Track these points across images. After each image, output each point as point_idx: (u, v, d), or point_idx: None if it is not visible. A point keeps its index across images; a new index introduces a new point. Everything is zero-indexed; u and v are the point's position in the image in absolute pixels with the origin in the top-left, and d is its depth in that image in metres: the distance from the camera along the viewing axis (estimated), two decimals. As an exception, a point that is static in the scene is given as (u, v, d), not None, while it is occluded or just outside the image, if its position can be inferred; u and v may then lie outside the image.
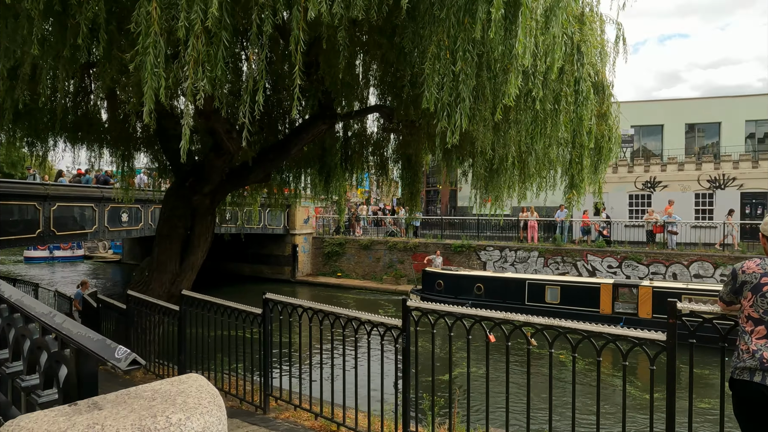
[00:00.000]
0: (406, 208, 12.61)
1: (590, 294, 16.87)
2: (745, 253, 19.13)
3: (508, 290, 18.63)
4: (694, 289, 15.21)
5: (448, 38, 3.88)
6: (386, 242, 26.88)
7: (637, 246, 21.49)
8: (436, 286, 20.39)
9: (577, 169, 5.82)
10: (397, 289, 24.74)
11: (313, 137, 9.80)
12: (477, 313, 3.92)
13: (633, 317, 15.90)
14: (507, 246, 23.57)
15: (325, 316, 4.96)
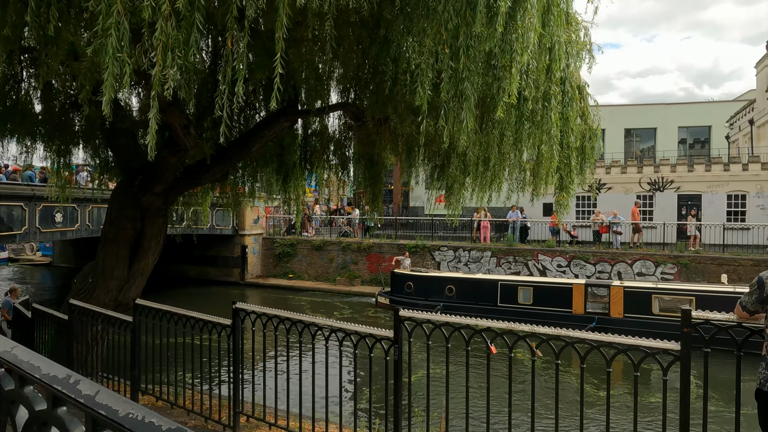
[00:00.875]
0: (367, 208, 12.32)
1: (562, 294, 17.02)
2: (683, 252, 20.25)
3: (480, 292, 18.49)
4: (663, 289, 15.77)
5: (447, 32, 3.65)
6: (339, 243, 26.47)
7: (585, 246, 22.27)
8: (406, 288, 20.00)
9: (566, 170, 5.77)
10: (351, 290, 24.42)
11: (275, 134, 9.34)
12: (477, 323, 3.71)
13: (605, 317, 16.18)
14: (461, 246, 23.79)
15: (305, 327, 4.61)
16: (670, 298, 15.56)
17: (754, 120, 24.93)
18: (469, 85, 3.87)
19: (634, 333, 13.02)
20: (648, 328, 15.02)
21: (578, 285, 16.83)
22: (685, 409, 3.02)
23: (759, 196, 22.35)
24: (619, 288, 16.08)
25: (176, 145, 8.18)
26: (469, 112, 3.97)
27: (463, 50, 3.72)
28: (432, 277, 19.93)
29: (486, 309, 17.47)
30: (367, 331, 4.24)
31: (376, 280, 25.15)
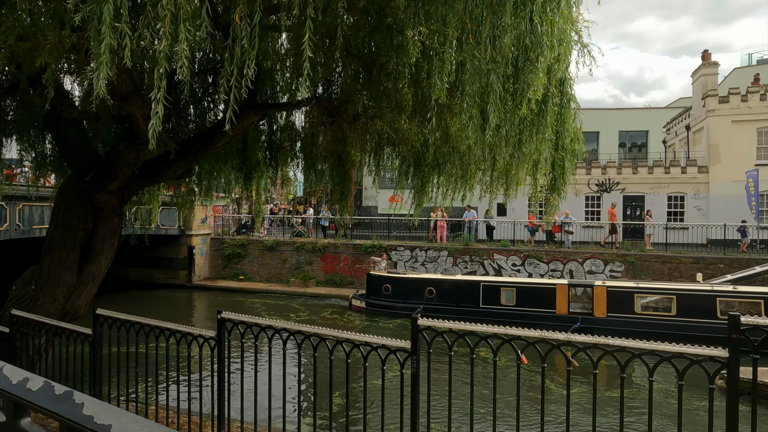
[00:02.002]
0: (336, 207, 11.89)
1: (546, 295, 17.05)
2: (630, 250, 21.16)
3: (461, 293, 18.21)
4: (645, 288, 16.20)
5: (472, 21, 3.37)
6: (293, 243, 25.77)
7: (538, 245, 22.81)
8: (383, 290, 19.45)
9: (559, 171, 5.66)
10: (306, 291, 23.82)
11: (243, 129, 8.75)
12: (506, 331, 3.46)
13: (589, 316, 16.39)
14: (417, 246, 23.74)
15: (305, 339, 4.20)
16: (651, 298, 15.98)
17: (690, 126, 26.56)
18: (495, 78, 3.63)
19: (617, 333, 13.32)
20: (631, 327, 15.56)
21: (561, 285, 16.91)
22: (734, 420, 2.90)
23: (696, 197, 23.77)
24: (602, 288, 16.29)
25: (136, 138, 7.46)
26: (494, 106, 3.73)
27: (490, 40, 3.47)
28: (411, 279, 19.43)
29: (468, 311, 17.60)
30: (379, 342, 3.90)
31: (332, 281, 24.69)
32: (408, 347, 3.77)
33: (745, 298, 14.72)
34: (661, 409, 9.15)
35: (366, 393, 3.94)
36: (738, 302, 14.79)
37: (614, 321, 15.72)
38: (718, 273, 19.22)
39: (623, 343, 3.17)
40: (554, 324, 16.31)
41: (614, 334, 12.56)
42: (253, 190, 11.41)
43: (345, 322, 18.39)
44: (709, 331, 14.30)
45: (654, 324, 15.20)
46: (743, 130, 23.19)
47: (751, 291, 14.98)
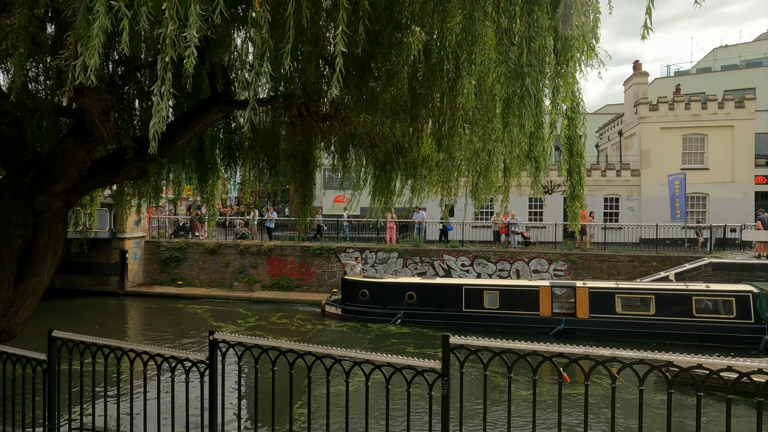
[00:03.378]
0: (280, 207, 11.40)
1: (529, 297, 17.06)
2: (572, 250, 22.06)
3: (443, 297, 17.91)
4: (625, 289, 16.68)
5: (506, 18, 3.15)
6: (236, 246, 24.70)
7: (486, 245, 23.28)
8: (360, 296, 18.78)
9: (576, 178, 5.61)
10: (252, 296, 22.92)
11: (204, 127, 8.14)
12: (548, 348, 3.28)
13: (572, 317, 16.61)
14: (367, 247, 23.50)
15: (315, 361, 3.82)
16: (631, 298, 16.48)
17: (622, 131, 28.21)
18: (530, 81, 3.45)
19: (600, 333, 13.62)
20: (613, 327, 16.08)
21: (544, 287, 17.02)
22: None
23: (629, 199, 25.25)
24: (585, 289, 16.60)
25: (87, 135, 6.65)
26: (529, 111, 3.55)
27: (526, 42, 3.28)
28: (390, 284, 18.89)
29: (450, 315, 17.57)
30: (404, 363, 3.60)
31: (279, 284, 23.92)
32: (437, 368, 3.50)
33: (718, 297, 15.56)
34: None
35: (388, 419, 3.63)
36: (710, 301, 15.68)
37: (596, 321, 16.08)
38: (651, 270, 20.44)
39: (675, 358, 3.07)
40: (538, 326, 16.74)
41: (597, 335, 12.94)
42: (208, 191, 10.73)
43: (320, 329, 17.73)
44: (686, 329, 15.17)
45: (634, 323, 15.82)
46: (671, 136, 24.93)
47: (724, 290, 15.82)
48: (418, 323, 17.44)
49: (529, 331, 16.43)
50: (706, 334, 14.83)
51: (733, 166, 24.64)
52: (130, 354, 4.47)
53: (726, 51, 40.13)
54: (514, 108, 4.29)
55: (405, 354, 4.31)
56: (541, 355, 3.32)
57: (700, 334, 14.89)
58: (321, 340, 16.26)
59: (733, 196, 24.16)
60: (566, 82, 3.93)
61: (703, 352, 13.47)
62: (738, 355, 10.49)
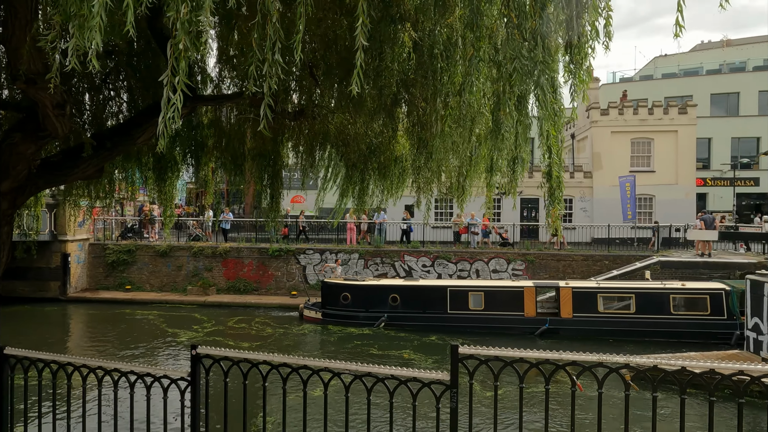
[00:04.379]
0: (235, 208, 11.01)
1: (514, 298, 17.14)
2: (530, 249, 22.56)
3: (428, 299, 17.78)
4: (606, 288, 17.08)
5: (515, 13, 3.02)
6: (190, 248, 23.73)
7: (446, 245, 23.44)
8: (342, 299, 18.31)
9: (556, 182, 5.58)
10: (207, 300, 22.07)
11: (168, 123, 7.63)
12: (561, 357, 3.18)
13: (556, 317, 16.83)
14: (327, 249, 23.14)
15: (312, 375, 3.57)
16: (613, 297, 16.92)
17: (575, 135, 29.19)
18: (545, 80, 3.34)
19: (583, 332, 13.83)
20: (596, 326, 16.40)
21: (529, 288, 17.19)
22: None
23: (582, 200, 26.14)
24: (568, 289, 16.84)
25: (39, 129, 6.08)
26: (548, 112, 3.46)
27: (540, 38, 3.18)
28: (372, 286, 18.54)
29: (435, 317, 17.51)
30: (410, 375, 3.41)
31: (235, 287, 23.16)
32: (445, 379, 3.33)
33: (692, 295, 16.20)
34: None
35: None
36: (686, 299, 16.29)
37: (580, 321, 16.42)
38: (604, 269, 21.19)
39: (692, 365, 3.04)
40: (524, 326, 16.96)
41: (580, 334, 13.16)
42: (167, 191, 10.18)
43: (300, 335, 17.17)
44: (664, 326, 15.73)
45: (616, 322, 16.29)
46: (620, 140, 26.00)
47: (699, 288, 16.51)
48: (402, 326, 17.33)
49: (514, 332, 16.76)
50: (683, 330, 15.51)
51: (677, 168, 26.00)
52: (98, 372, 4.05)
53: (666, 60, 42.38)
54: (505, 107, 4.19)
55: (390, 357, 4.13)
56: (554, 363, 3.22)
57: (678, 330, 15.57)
58: (305, 347, 15.83)
59: (677, 197, 25.50)
60: (580, 79, 3.87)
61: (680, 348, 13.92)
62: (712, 350, 10.91)
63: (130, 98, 9.09)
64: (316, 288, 22.87)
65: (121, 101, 9.09)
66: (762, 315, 13.42)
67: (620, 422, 3.17)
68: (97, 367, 4.08)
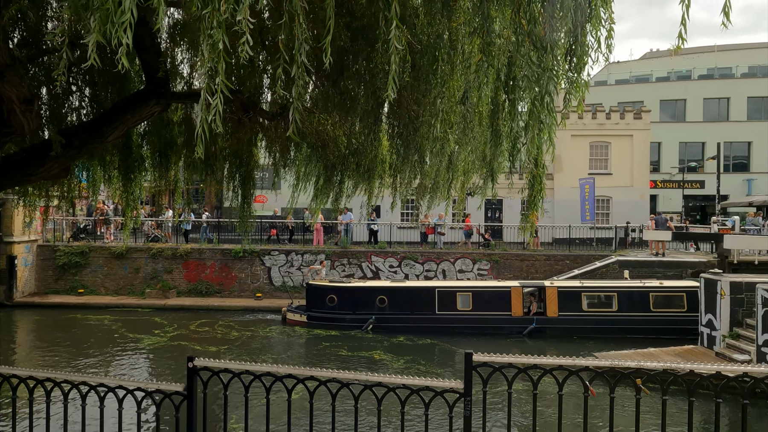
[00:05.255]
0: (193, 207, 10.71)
1: (501, 298, 17.28)
2: (495, 250, 22.95)
3: (416, 300, 17.70)
4: (590, 287, 17.44)
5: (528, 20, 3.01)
6: (148, 249, 22.83)
7: (413, 246, 23.53)
8: (328, 301, 17.94)
9: (538, 188, 5.65)
10: (167, 303, 21.30)
11: (140, 120, 7.35)
12: (574, 363, 3.20)
13: (542, 316, 17.06)
14: (293, 250, 22.79)
15: (319, 386, 3.45)
16: (596, 296, 17.33)
17: (536, 137, 29.96)
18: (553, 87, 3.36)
19: (569, 330, 14.08)
20: (580, 324, 16.70)
21: (516, 288, 17.40)
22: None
23: (544, 201, 26.79)
24: (553, 288, 17.17)
25: (2, 126, 5.66)
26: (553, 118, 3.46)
27: (550, 47, 3.17)
28: (360, 288, 18.31)
29: (424, 318, 17.46)
30: (422, 384, 3.35)
31: (197, 290, 22.46)
32: (458, 387, 3.29)
33: (670, 293, 16.76)
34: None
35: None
36: (664, 296, 16.85)
37: (565, 319, 16.78)
38: (565, 269, 21.81)
39: (700, 368, 3.12)
40: (512, 326, 17.15)
41: (566, 332, 13.44)
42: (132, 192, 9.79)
43: (268, 337, 16.66)
44: (645, 323, 16.25)
45: (599, 320, 16.75)
46: (580, 143, 26.86)
47: (675, 286, 17.15)
48: (390, 328, 17.27)
49: (502, 332, 17.01)
50: (662, 327, 16.10)
51: (632, 171, 27.11)
52: (82, 387, 3.78)
53: (618, 66, 44.11)
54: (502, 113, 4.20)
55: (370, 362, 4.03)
56: (567, 369, 3.23)
57: (657, 327, 16.18)
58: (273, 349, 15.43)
59: (632, 199, 26.59)
60: (578, 88, 3.93)
61: (659, 344, 14.17)
62: (689, 345, 11.13)
63: (92, 93, 8.62)
64: (282, 290, 22.52)
65: (83, 96, 8.61)
66: (715, 312, 14.15)
67: (625, 425, 3.22)
68: (81, 381, 3.81)
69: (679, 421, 8.61)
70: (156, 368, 13.91)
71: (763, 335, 12.29)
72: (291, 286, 21.99)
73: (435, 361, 14.71)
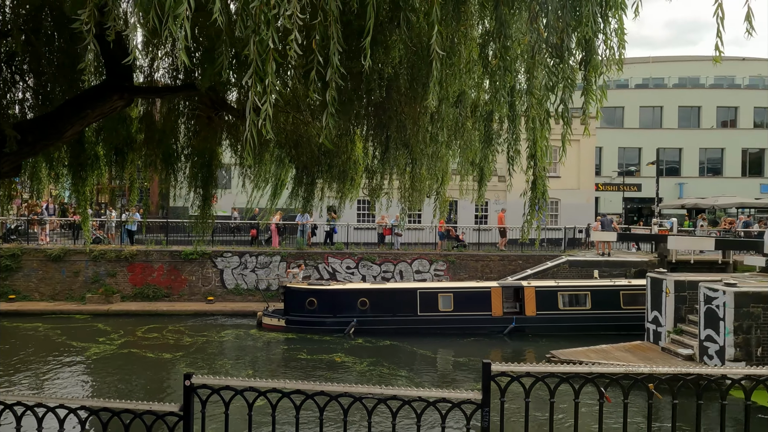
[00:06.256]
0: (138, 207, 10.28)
1: (481, 298, 17.48)
2: (451, 251, 23.25)
3: (398, 302, 17.58)
4: (565, 287, 17.96)
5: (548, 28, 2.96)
6: (89, 252, 21.47)
7: (370, 247, 23.45)
8: (307, 305, 17.44)
9: (541, 191, 5.66)
10: (110, 309, 20.11)
11: (102, 116, 6.83)
12: (591, 369, 3.22)
13: (521, 316, 17.40)
14: (247, 251, 22.13)
15: (330, 401, 3.30)
16: (571, 295, 17.83)
17: (488, 140, 30.66)
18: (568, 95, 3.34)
19: (546, 329, 14.40)
20: (557, 322, 17.07)
21: (495, 288, 17.71)
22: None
23: (497, 203, 27.47)
24: (532, 288, 17.59)
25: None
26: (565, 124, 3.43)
27: (567, 53, 3.15)
28: (341, 291, 17.96)
29: (406, 320, 17.41)
30: (438, 395, 3.27)
31: (143, 294, 21.37)
32: (476, 398, 3.23)
33: (638, 291, 17.26)
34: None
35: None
36: (633, 294, 17.47)
37: (543, 318, 17.27)
38: (518, 269, 22.41)
39: (716, 371, 3.20)
40: (492, 326, 17.41)
41: (544, 330, 13.76)
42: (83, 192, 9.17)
43: (223, 342, 15.89)
44: (616, 320, 16.83)
45: (574, 318, 17.32)
46: (530, 146, 27.67)
47: (642, 284, 17.47)
48: (372, 330, 17.16)
49: (482, 332, 17.31)
50: (631, 323, 16.68)
51: (579, 175, 28.26)
52: (60, 411, 3.43)
53: (563, 74, 45.93)
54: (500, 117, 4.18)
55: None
56: (583, 377, 3.25)
57: (627, 324, 16.79)
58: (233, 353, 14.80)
59: (579, 202, 27.71)
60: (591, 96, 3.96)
61: (631, 339, 14.67)
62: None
63: (37, 84, 7.95)
64: (234, 293, 21.83)
65: (26, 88, 7.93)
66: (661, 309, 14.97)
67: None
68: (58, 405, 3.45)
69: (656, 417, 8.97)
70: (112, 379, 12.92)
71: (705, 330, 13.11)
72: (263, 290, 21.51)
73: (399, 363, 14.69)
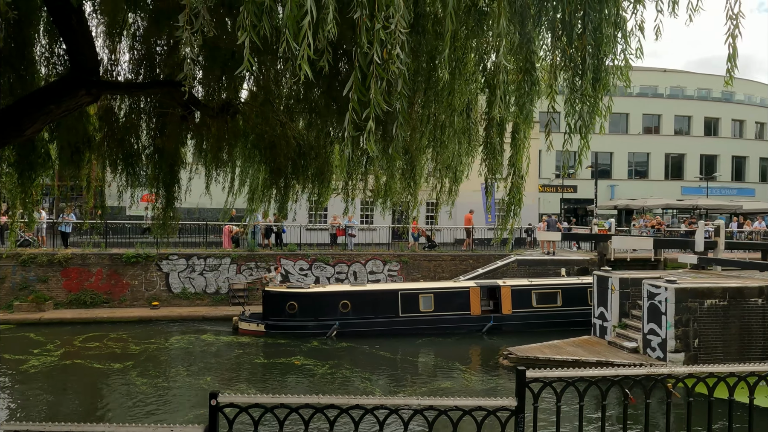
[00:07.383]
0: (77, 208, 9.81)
1: (461, 298, 17.82)
2: (403, 251, 23.43)
3: (379, 303, 17.53)
4: (538, 285, 18.53)
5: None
6: (17, 256, 19.82)
7: (323, 248, 23.19)
8: (287, 309, 16.98)
9: (516, 198, 5.80)
10: (43, 318, 18.69)
11: (67, 112, 6.36)
12: (618, 372, 3.36)
13: (498, 314, 17.87)
14: (195, 254, 21.25)
15: (365, 414, 3.23)
16: (543, 293, 18.42)
17: (438, 142, 31.26)
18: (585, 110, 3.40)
19: (521, 326, 14.87)
20: (531, 319, 17.63)
21: (474, 288, 18.17)
22: None
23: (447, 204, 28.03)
24: (507, 287, 18.11)
25: None
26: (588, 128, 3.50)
27: (590, 71, 3.22)
28: (321, 294, 17.62)
29: (387, 321, 17.40)
30: (474, 404, 3.28)
31: (80, 300, 20.01)
32: (511, 405, 3.27)
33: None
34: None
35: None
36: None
37: (518, 316, 17.89)
38: (469, 268, 22.95)
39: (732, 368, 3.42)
40: (471, 325, 17.83)
41: (520, 328, 14.25)
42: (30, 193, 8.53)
43: (168, 348, 14.96)
44: (584, 316, 17.31)
45: (547, 315, 17.99)
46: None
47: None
48: (354, 332, 17.04)
49: (462, 330, 17.71)
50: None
51: (526, 177, 29.40)
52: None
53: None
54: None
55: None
56: (610, 380, 3.37)
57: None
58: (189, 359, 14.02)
59: (525, 203, 28.69)
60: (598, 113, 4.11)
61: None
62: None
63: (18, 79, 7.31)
64: (182, 297, 20.91)
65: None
66: (607, 305, 15.85)
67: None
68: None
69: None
70: (75, 396, 11.87)
71: (648, 324, 14.03)
72: (235, 294, 20.71)
73: (360, 364, 14.63)
